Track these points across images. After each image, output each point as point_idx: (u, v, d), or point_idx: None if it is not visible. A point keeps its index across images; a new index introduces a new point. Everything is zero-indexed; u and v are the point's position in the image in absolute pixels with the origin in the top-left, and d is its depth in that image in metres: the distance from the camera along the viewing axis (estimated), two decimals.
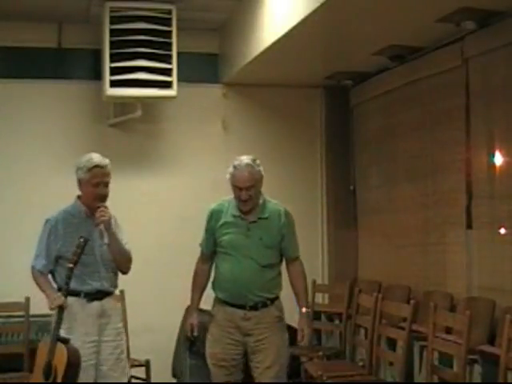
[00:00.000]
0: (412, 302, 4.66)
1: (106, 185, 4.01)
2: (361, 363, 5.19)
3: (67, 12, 5.80)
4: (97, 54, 5.84)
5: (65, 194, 5.92)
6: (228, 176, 3.99)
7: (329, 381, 4.73)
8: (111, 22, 5.51)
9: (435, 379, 4.30)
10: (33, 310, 5.23)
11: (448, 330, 4.57)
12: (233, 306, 3.99)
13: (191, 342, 4.39)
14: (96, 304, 3.91)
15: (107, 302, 3.96)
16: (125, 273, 4.07)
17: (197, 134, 6.39)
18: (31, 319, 5.24)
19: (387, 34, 5.01)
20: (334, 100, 6.76)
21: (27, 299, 5.16)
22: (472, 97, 4.97)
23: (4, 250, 5.85)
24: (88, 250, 3.86)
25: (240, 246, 3.99)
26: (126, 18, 5.54)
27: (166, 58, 5.62)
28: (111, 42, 5.51)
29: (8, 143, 5.97)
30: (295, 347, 5.94)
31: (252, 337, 3.98)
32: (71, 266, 3.77)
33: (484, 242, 4.85)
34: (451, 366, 4.32)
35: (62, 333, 3.78)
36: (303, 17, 4.50)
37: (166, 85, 5.64)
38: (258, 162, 4.00)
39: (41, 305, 5.41)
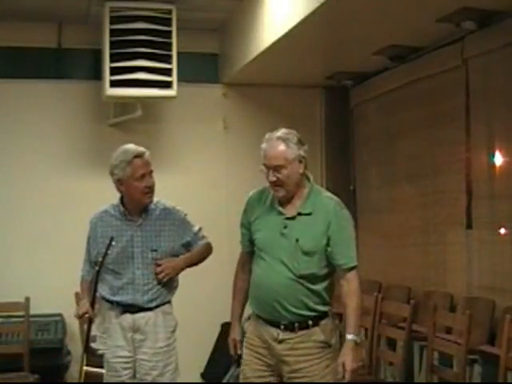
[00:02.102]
0: (412, 302, 4.66)
1: (151, 174, 3.59)
2: (361, 363, 5.18)
3: (67, 12, 5.81)
4: (97, 54, 5.84)
5: (64, 193, 5.98)
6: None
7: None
8: (111, 22, 5.51)
9: (435, 379, 4.30)
10: (33, 310, 5.24)
11: (448, 330, 4.58)
12: (266, 321, 3.20)
13: (237, 362, 3.42)
14: (128, 317, 3.57)
15: (142, 318, 3.57)
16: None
17: (197, 134, 6.39)
18: (31, 319, 5.24)
19: (387, 34, 5.01)
20: (334, 100, 6.76)
21: (27, 299, 5.16)
22: (472, 97, 4.97)
23: (4, 250, 5.85)
24: (124, 257, 3.55)
25: (273, 247, 3.18)
26: (125, 18, 5.54)
27: (166, 58, 5.61)
28: (111, 42, 5.51)
29: (8, 143, 5.97)
30: None
31: (287, 365, 3.17)
32: (97, 268, 3.47)
33: (484, 242, 4.85)
34: (451, 366, 4.31)
35: (96, 340, 3.58)
36: (303, 17, 4.50)
37: (166, 85, 5.64)
38: (295, 138, 3.17)
39: (41, 305, 5.46)
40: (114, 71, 5.54)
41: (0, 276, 5.72)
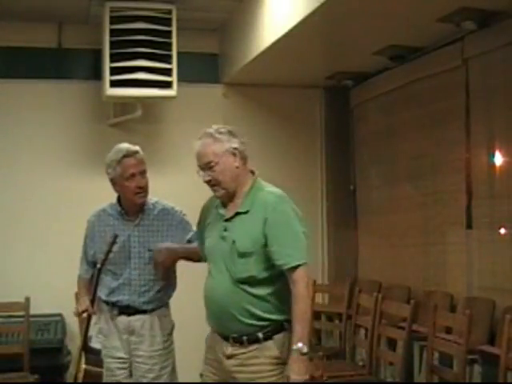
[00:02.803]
0: (412, 301, 4.66)
1: (143, 174, 3.53)
2: (361, 363, 5.19)
3: (67, 12, 5.80)
4: (97, 54, 5.84)
5: (64, 193, 5.98)
6: None
7: (329, 381, 4.73)
8: (111, 22, 5.51)
9: (435, 379, 4.30)
10: (33, 310, 5.24)
11: (448, 330, 4.58)
12: (218, 335, 2.97)
13: None
14: (124, 319, 3.54)
15: (137, 320, 3.53)
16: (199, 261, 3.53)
17: (197, 134, 6.31)
18: (31, 319, 5.24)
19: (387, 33, 5.01)
20: (334, 100, 6.76)
21: (27, 299, 5.16)
22: (472, 97, 4.97)
23: (4, 250, 5.85)
24: (122, 257, 3.50)
25: (215, 254, 2.96)
26: (125, 18, 5.54)
27: (166, 58, 5.61)
28: (111, 42, 5.51)
29: (8, 143, 5.96)
30: None
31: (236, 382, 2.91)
32: (99, 266, 3.43)
33: (484, 242, 4.85)
34: (451, 366, 4.31)
35: (97, 341, 3.56)
36: (303, 17, 4.50)
37: (166, 85, 5.64)
38: (225, 131, 3.00)
39: (41, 305, 5.46)
40: (113, 71, 5.54)
41: (0, 276, 5.72)
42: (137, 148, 3.56)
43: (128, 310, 3.54)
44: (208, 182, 2.97)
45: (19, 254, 5.85)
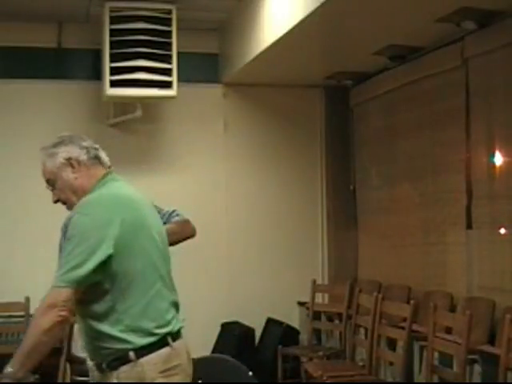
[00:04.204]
0: (412, 302, 4.66)
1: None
2: (361, 363, 5.19)
3: (67, 12, 5.81)
4: (97, 54, 5.85)
5: None
6: None
7: (329, 381, 4.73)
8: (111, 22, 5.51)
9: (435, 379, 4.30)
10: (33, 310, 5.22)
11: (448, 330, 4.57)
12: None
13: None
14: None
15: None
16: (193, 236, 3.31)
17: (197, 134, 6.40)
18: (31, 319, 5.23)
19: (387, 34, 5.01)
20: (334, 100, 6.76)
21: (27, 299, 5.15)
22: (472, 97, 4.97)
23: (4, 250, 5.85)
24: None
25: None
26: (125, 18, 5.54)
27: (166, 58, 5.62)
28: (111, 42, 5.52)
29: (7, 143, 5.97)
30: (295, 347, 5.98)
31: None
32: None
33: (484, 242, 4.85)
34: (451, 366, 4.31)
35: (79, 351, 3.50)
36: (303, 17, 4.50)
37: (166, 85, 5.64)
38: (59, 140, 2.72)
39: None
40: (113, 71, 5.54)
41: (0, 276, 5.72)
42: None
43: None
44: (56, 202, 2.69)
45: (19, 254, 5.86)
